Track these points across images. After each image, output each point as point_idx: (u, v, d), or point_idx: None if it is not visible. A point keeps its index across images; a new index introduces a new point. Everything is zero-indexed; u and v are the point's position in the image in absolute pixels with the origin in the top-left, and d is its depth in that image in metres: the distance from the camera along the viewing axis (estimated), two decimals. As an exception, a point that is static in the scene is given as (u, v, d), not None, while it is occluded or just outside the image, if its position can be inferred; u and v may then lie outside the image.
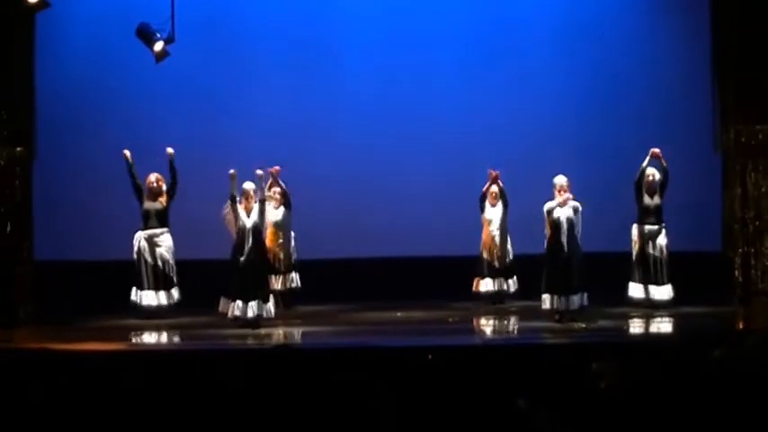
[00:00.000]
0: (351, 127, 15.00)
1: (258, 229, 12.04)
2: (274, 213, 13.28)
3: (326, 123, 15.02)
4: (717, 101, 14.28)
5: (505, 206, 13.73)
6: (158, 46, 13.00)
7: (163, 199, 12.99)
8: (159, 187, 12.98)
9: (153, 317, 12.67)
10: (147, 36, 13.01)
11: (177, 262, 12.95)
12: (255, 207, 12.07)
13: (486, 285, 13.80)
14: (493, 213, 13.84)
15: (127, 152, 13.02)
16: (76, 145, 14.81)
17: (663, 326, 12.13)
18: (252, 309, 11.79)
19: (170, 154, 12.97)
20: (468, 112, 15.02)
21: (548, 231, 12.13)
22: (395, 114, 15.03)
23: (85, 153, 14.77)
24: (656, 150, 13.04)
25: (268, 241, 12.97)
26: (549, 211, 12.10)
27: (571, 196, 12.11)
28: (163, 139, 14.57)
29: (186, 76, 14.79)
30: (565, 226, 12.01)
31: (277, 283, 13.38)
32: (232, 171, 12.03)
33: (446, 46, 15.18)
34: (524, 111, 14.97)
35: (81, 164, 14.79)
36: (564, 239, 11.97)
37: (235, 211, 12.04)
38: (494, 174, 13.71)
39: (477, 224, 13.98)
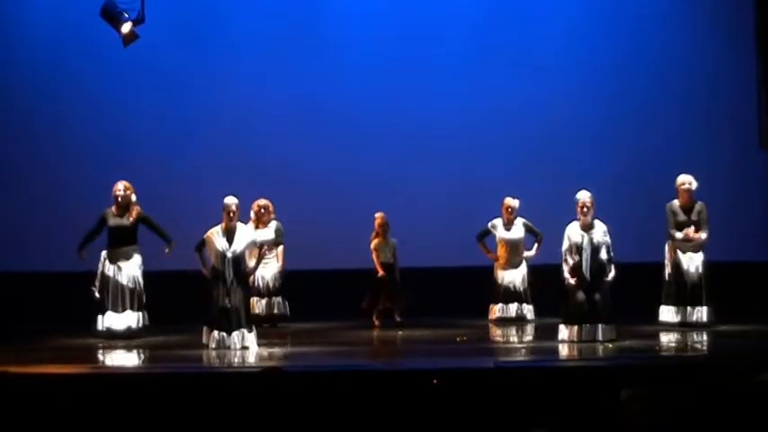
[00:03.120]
0: (349, 129, 15.26)
1: (239, 259, 12.02)
2: (262, 233, 13.45)
3: (321, 121, 15.26)
4: (763, 92, 14.46)
5: (537, 239, 13.95)
6: (126, 27, 13.05)
7: (132, 215, 12.95)
8: (127, 197, 12.94)
9: (119, 339, 12.69)
10: (113, 16, 13.04)
11: (148, 274, 13.03)
12: (240, 227, 12.08)
13: (502, 311, 14.18)
14: (508, 233, 14.19)
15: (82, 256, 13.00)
16: (29, 144, 14.98)
17: (701, 346, 12.16)
18: (235, 341, 11.91)
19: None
20: (480, 114, 15.32)
21: (569, 255, 12.14)
22: (398, 114, 15.34)
23: (41, 152, 14.95)
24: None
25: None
26: (571, 237, 12.12)
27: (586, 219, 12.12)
28: (131, 139, 14.79)
29: (158, 63, 14.98)
30: (588, 251, 12.01)
31: (259, 307, 13.65)
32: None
33: (455, 39, 15.46)
34: (541, 109, 15.26)
35: (35, 164, 14.97)
36: (587, 266, 12.01)
37: (202, 255, 12.13)
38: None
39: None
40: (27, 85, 15.02)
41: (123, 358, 11.65)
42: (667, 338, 12.44)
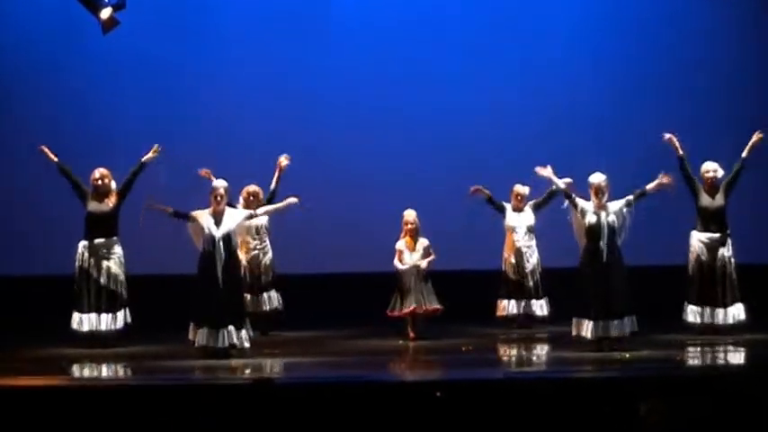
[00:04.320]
0: (348, 127, 15.22)
1: (230, 240, 11.92)
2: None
3: (320, 120, 15.22)
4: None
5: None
6: (106, 13, 12.99)
7: (111, 200, 12.82)
8: (106, 185, 12.81)
9: (98, 344, 12.61)
10: (91, 2, 12.95)
11: (128, 278, 12.88)
12: (229, 211, 12.00)
13: (510, 308, 13.87)
14: (517, 220, 13.88)
15: (46, 149, 12.87)
16: (4, 136, 15.02)
17: (727, 356, 12.02)
18: (223, 337, 11.76)
19: (148, 158, 12.83)
20: (482, 110, 15.33)
21: (581, 239, 12.05)
22: (397, 112, 15.34)
23: (17, 146, 14.81)
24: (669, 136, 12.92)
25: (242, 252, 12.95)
26: (584, 215, 12.00)
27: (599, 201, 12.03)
28: (112, 129, 14.88)
29: (141, 51, 15.00)
30: (605, 233, 11.91)
31: (252, 305, 13.36)
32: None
33: (457, 35, 15.49)
34: (549, 102, 15.34)
35: (9, 159, 14.96)
36: (603, 251, 11.87)
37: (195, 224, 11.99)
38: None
39: (496, 232, 14.05)
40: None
41: (104, 369, 11.59)
42: (690, 348, 12.32)
